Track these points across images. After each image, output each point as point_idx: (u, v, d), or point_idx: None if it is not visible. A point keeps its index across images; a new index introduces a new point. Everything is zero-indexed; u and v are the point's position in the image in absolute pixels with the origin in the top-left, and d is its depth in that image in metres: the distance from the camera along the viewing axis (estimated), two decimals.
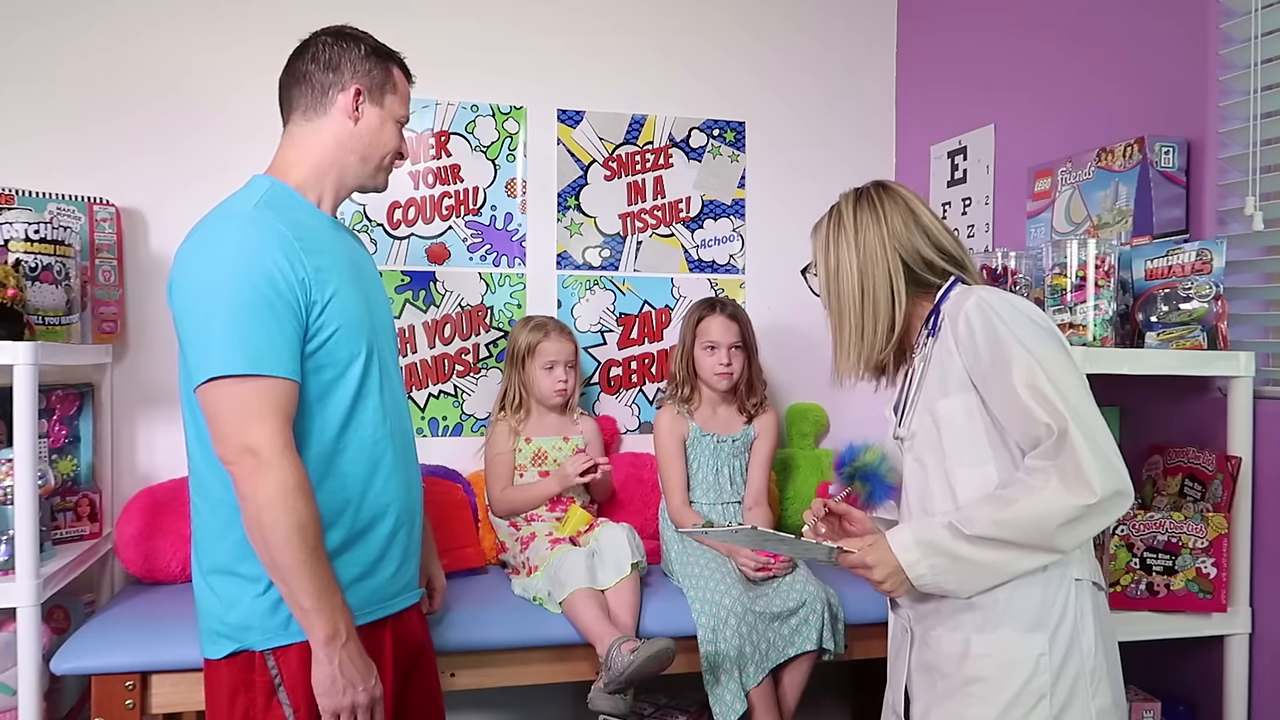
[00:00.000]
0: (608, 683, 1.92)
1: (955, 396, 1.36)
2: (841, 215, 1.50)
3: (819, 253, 1.53)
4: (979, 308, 1.33)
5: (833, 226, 1.51)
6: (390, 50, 1.62)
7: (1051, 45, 2.35)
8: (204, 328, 1.37)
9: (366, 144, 1.57)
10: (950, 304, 1.40)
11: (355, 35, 1.59)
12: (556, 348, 2.43)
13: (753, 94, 2.88)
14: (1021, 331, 1.30)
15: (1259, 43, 1.83)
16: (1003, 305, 1.33)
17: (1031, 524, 1.26)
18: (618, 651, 1.92)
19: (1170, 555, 1.77)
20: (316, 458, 1.44)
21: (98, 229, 2.30)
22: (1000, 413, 1.32)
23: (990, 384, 1.32)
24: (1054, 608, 1.33)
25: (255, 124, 2.35)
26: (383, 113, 1.58)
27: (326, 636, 1.37)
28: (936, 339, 1.41)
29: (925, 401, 1.41)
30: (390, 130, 1.60)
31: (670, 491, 2.41)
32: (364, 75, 1.56)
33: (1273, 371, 1.88)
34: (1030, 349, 1.29)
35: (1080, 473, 1.23)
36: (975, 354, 1.33)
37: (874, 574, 1.36)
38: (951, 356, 1.36)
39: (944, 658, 1.39)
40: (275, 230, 1.41)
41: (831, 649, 2.14)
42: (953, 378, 1.37)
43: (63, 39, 2.41)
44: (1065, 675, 1.31)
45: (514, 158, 2.73)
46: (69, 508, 2.20)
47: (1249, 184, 1.85)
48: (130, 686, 1.86)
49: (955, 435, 1.37)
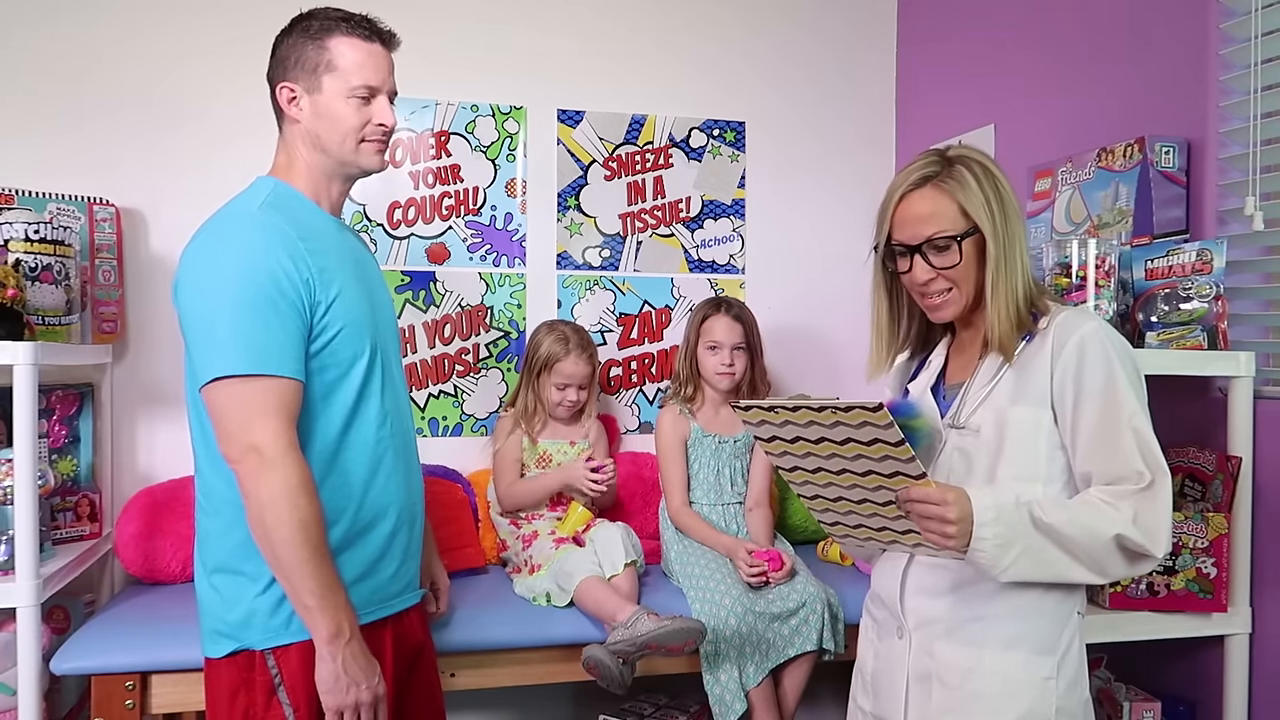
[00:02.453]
0: (617, 641, 1.91)
1: (1028, 408, 1.33)
2: (989, 169, 1.36)
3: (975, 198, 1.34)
4: (1100, 340, 1.31)
5: (984, 177, 1.35)
6: (331, 18, 1.50)
7: (1051, 45, 2.35)
8: (209, 328, 1.37)
9: (315, 135, 1.51)
10: (1062, 319, 1.35)
11: (301, 17, 1.52)
12: (573, 369, 2.39)
13: (753, 94, 2.88)
14: (1134, 376, 1.32)
15: (1259, 43, 1.83)
16: (1121, 344, 1.33)
17: (1097, 540, 1.26)
18: (643, 617, 1.91)
19: (1170, 555, 1.77)
20: (318, 457, 1.44)
21: (98, 229, 2.30)
22: (1088, 442, 1.30)
23: (1086, 412, 1.30)
24: (1064, 634, 1.34)
25: (256, 124, 2.34)
26: (323, 98, 1.49)
27: (330, 634, 1.37)
28: (1028, 343, 1.36)
29: (995, 402, 1.37)
30: (340, 110, 1.49)
31: (670, 492, 2.41)
32: (292, 67, 1.50)
33: (1273, 371, 1.88)
34: (1138, 395, 1.31)
35: (1155, 525, 1.26)
36: (1076, 378, 1.31)
37: (948, 512, 1.22)
38: (1041, 369, 1.33)
39: (947, 670, 1.36)
40: (280, 231, 1.41)
41: (832, 649, 2.14)
42: (1034, 389, 1.33)
43: (63, 39, 2.40)
44: (1067, 703, 1.32)
45: (514, 158, 2.73)
46: (69, 508, 2.20)
47: (1249, 184, 1.85)
48: (130, 686, 1.86)
49: (1017, 444, 1.34)
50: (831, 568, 2.44)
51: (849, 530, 1.37)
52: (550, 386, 2.41)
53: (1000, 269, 1.33)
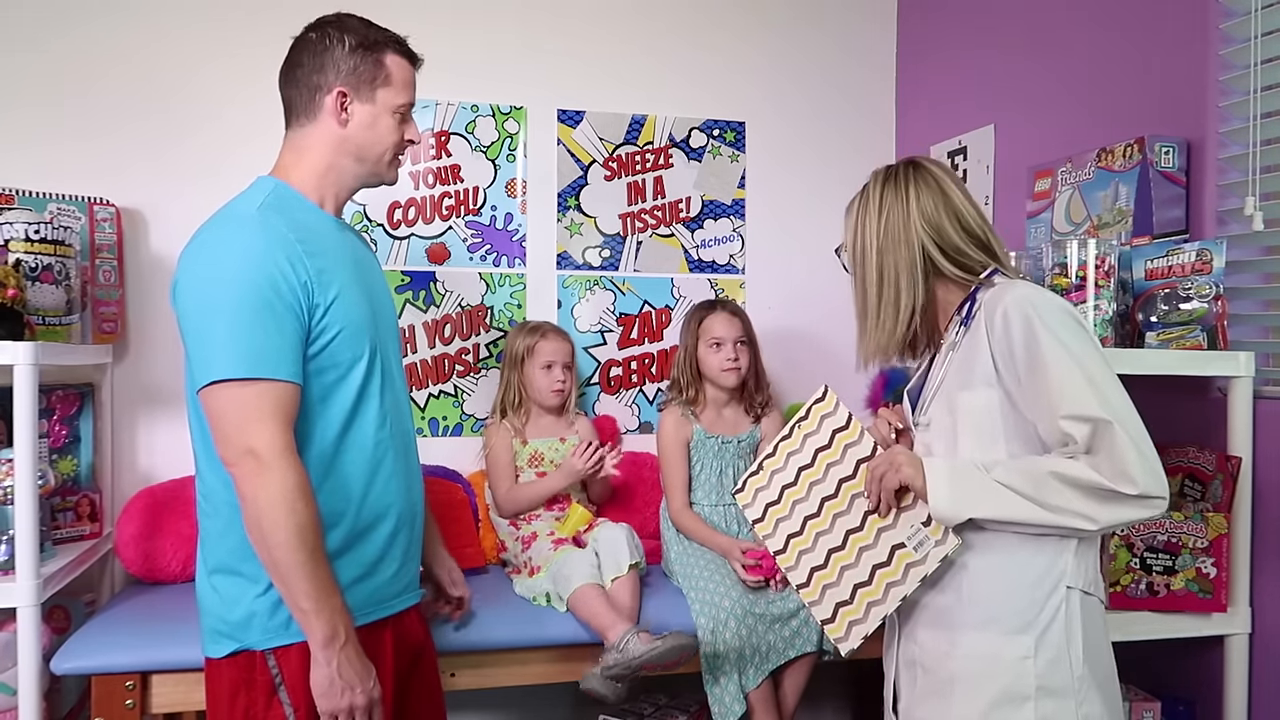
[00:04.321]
0: (611, 665, 1.90)
1: (978, 391, 1.34)
2: (869, 194, 1.46)
3: (847, 232, 1.48)
4: (1019, 305, 1.30)
5: (861, 205, 1.46)
6: (383, 36, 1.55)
7: (1051, 45, 2.35)
8: (207, 331, 1.37)
9: (359, 145, 1.54)
10: (989, 296, 1.35)
11: (343, 26, 1.53)
12: (553, 347, 2.44)
13: (753, 94, 2.88)
14: (1064, 333, 1.28)
15: (1259, 43, 1.83)
16: (1045, 304, 1.30)
17: (1033, 475, 1.26)
18: (635, 638, 1.91)
19: (1170, 555, 1.77)
20: (317, 459, 1.44)
21: (98, 229, 2.30)
22: (1030, 406, 1.30)
23: (1025, 383, 1.29)
24: (1043, 612, 1.32)
25: (256, 125, 2.36)
26: (375, 109, 1.53)
27: (325, 638, 1.37)
28: (968, 329, 1.38)
29: (946, 391, 1.38)
30: (385, 125, 1.54)
31: (671, 494, 2.41)
32: (349, 74, 1.51)
33: (1273, 371, 1.88)
34: (1068, 347, 1.26)
35: (1121, 466, 1.20)
36: (1009, 351, 1.30)
37: (897, 456, 1.35)
38: (981, 350, 1.33)
39: (928, 654, 1.38)
40: (278, 233, 1.41)
41: (831, 650, 2.14)
42: (978, 371, 1.34)
43: (65, 41, 2.41)
44: (1050, 680, 1.30)
45: (514, 158, 2.73)
46: (69, 508, 2.20)
47: (1249, 184, 1.85)
48: (130, 686, 1.85)
49: (970, 429, 1.35)
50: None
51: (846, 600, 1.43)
52: (536, 371, 2.42)
53: (864, 288, 1.44)
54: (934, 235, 1.40)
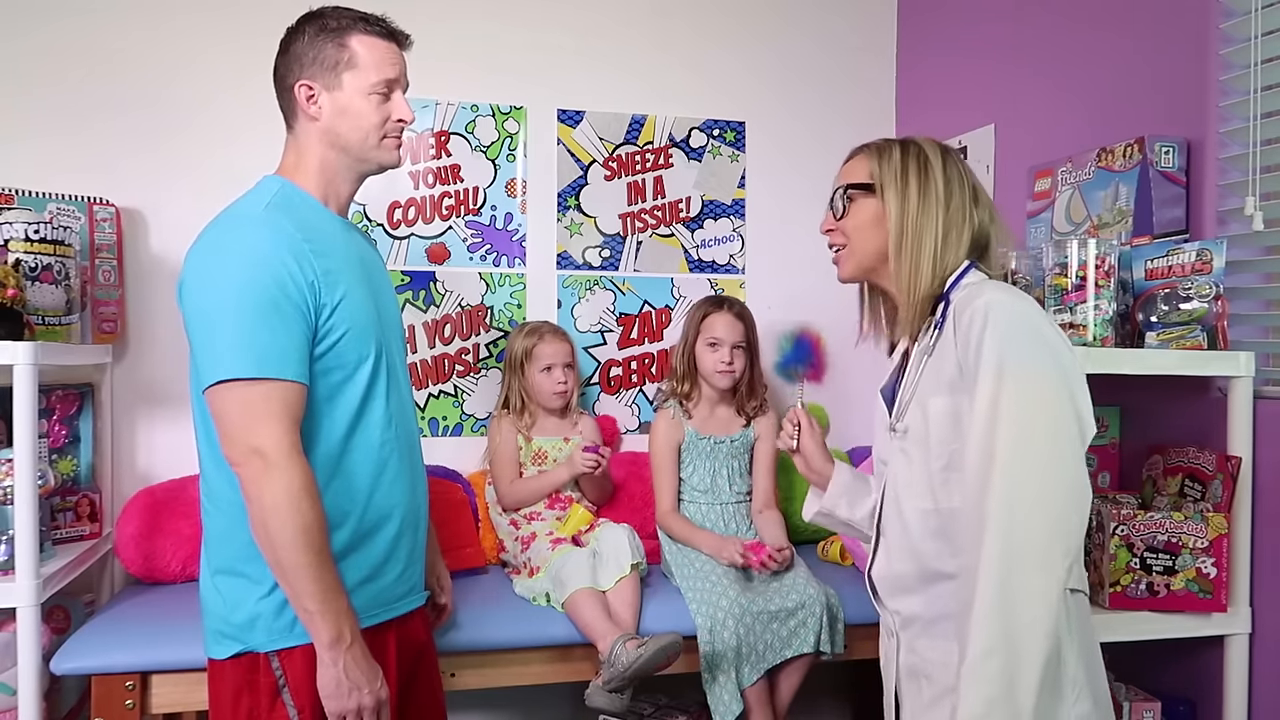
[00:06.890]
0: (608, 679, 1.92)
1: (945, 397, 1.30)
2: (929, 162, 1.38)
3: (891, 184, 1.39)
4: (985, 311, 1.24)
5: (915, 165, 1.38)
6: (348, 18, 1.50)
7: (1051, 45, 2.35)
8: (213, 330, 1.37)
9: (337, 134, 1.51)
10: (961, 296, 1.31)
11: (311, 17, 1.51)
12: (553, 349, 2.44)
13: (753, 94, 2.88)
14: (1014, 351, 1.20)
15: (1259, 43, 1.83)
16: (1004, 314, 1.23)
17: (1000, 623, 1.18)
18: (622, 648, 1.91)
19: (1170, 555, 1.77)
20: (323, 460, 1.44)
21: (98, 229, 2.30)
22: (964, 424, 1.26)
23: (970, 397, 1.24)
24: None
25: (257, 124, 2.35)
26: (343, 94, 1.49)
27: (331, 639, 1.37)
28: (941, 333, 1.34)
29: (920, 397, 1.35)
30: (360, 108, 1.49)
31: (659, 497, 2.41)
32: (310, 65, 1.49)
33: (1273, 371, 1.88)
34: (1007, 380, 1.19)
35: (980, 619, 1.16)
36: (968, 358, 1.25)
37: None
38: (950, 355, 1.30)
39: (931, 665, 1.37)
40: (285, 233, 1.41)
41: (829, 651, 2.14)
42: (946, 376, 1.30)
43: (64, 40, 2.40)
44: (1047, 683, 1.30)
45: (514, 158, 2.73)
46: (69, 508, 2.20)
47: (1249, 184, 1.84)
48: (130, 686, 1.85)
49: (940, 438, 1.31)
50: (832, 567, 2.44)
51: None
52: (536, 374, 2.43)
53: (904, 238, 1.36)
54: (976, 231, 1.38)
